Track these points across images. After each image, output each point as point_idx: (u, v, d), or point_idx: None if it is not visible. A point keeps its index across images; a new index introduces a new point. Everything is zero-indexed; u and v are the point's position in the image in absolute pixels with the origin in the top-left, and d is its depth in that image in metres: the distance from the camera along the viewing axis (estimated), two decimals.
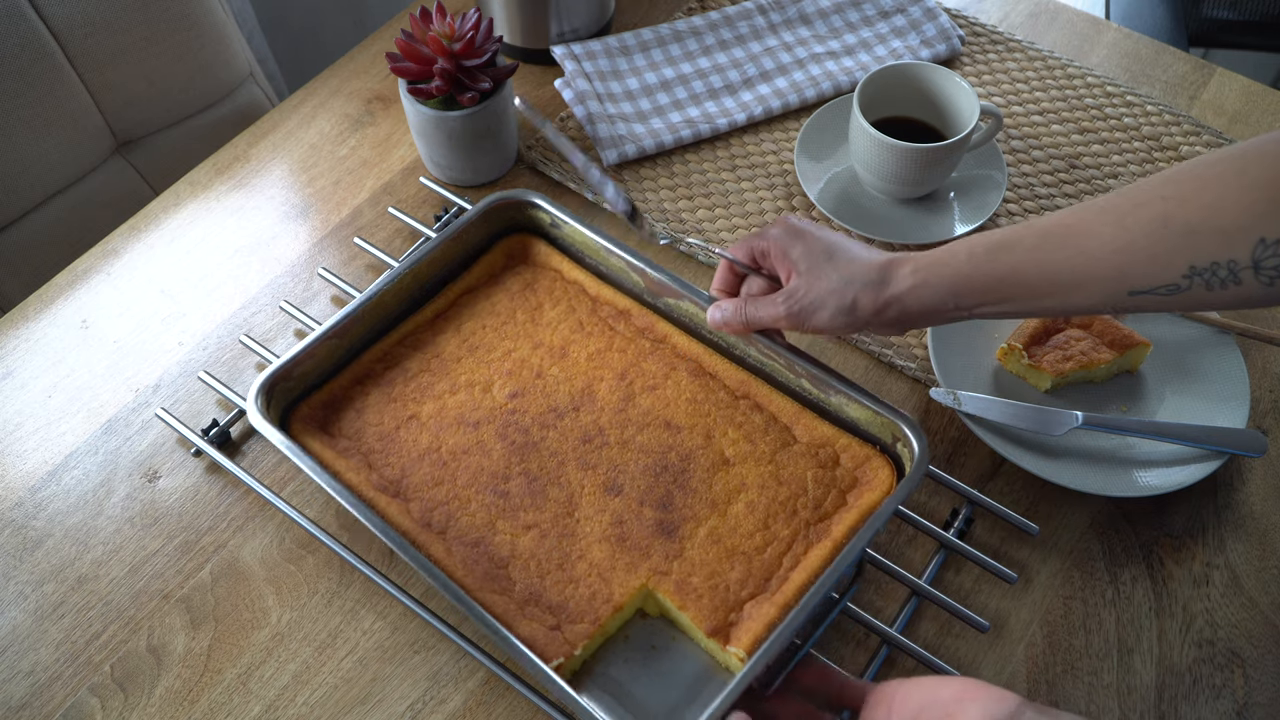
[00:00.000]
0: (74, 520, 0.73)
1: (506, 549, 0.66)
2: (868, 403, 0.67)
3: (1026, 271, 0.58)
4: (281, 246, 0.88)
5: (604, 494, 0.68)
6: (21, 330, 0.83)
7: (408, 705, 0.64)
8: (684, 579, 0.64)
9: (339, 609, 0.68)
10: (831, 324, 0.64)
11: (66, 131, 1.03)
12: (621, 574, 0.64)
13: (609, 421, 0.71)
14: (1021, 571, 0.70)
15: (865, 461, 0.68)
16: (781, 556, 0.65)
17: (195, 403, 0.78)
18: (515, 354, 0.75)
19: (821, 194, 0.88)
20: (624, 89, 0.96)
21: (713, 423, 0.71)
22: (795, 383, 0.71)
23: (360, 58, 1.02)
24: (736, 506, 0.67)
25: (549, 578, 0.64)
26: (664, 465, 0.69)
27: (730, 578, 0.64)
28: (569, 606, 0.63)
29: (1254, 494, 0.73)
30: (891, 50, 1.00)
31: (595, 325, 0.76)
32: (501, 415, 0.72)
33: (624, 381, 0.73)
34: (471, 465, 0.69)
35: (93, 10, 1.00)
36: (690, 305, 0.74)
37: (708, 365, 0.74)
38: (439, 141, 0.86)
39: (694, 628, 0.63)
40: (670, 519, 0.66)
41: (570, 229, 0.78)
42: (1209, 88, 0.99)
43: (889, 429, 0.67)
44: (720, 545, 0.65)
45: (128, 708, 0.65)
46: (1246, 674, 0.66)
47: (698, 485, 0.68)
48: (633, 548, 0.65)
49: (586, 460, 0.69)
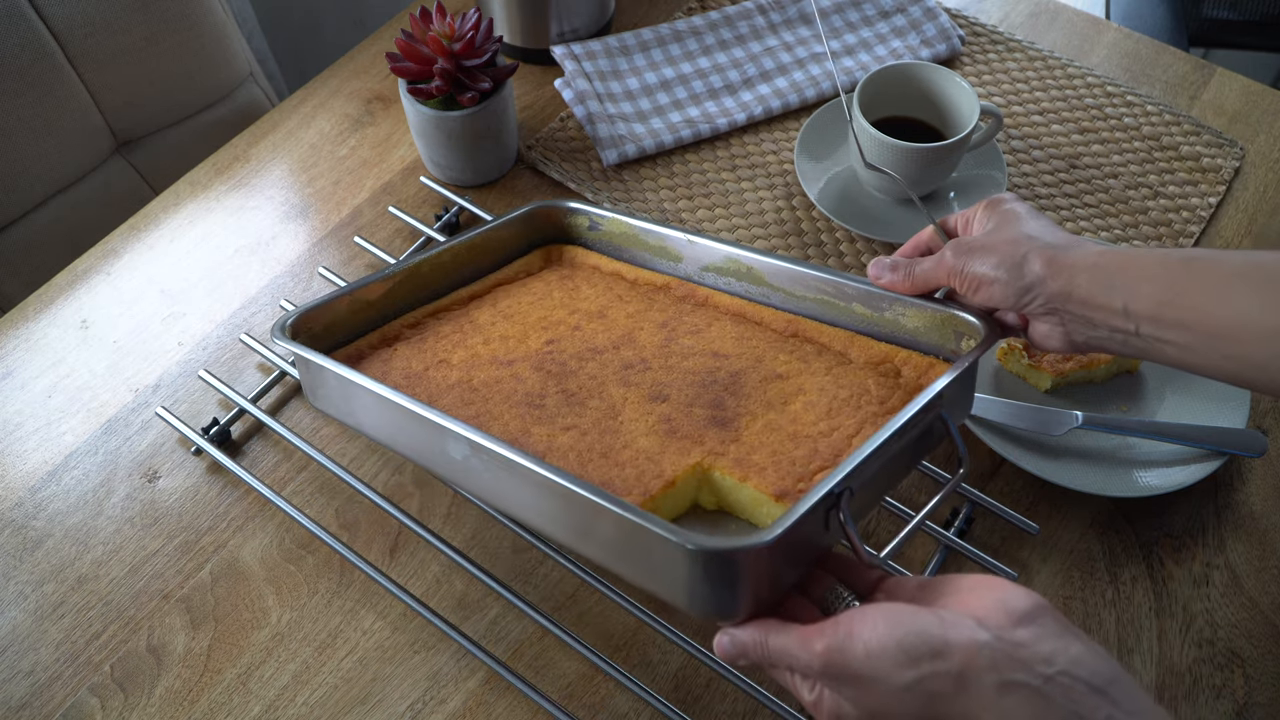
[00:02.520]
0: (74, 520, 0.73)
1: (542, 446, 0.58)
2: (923, 303, 0.62)
3: (1217, 296, 0.50)
4: (281, 246, 0.88)
5: (649, 401, 0.61)
6: (21, 330, 0.83)
7: (408, 705, 0.64)
8: (744, 457, 0.56)
9: (339, 609, 0.68)
10: (994, 275, 0.56)
11: (66, 131, 1.03)
12: (673, 457, 0.57)
13: (652, 355, 0.65)
14: (1021, 571, 0.70)
15: (929, 368, 0.62)
16: (850, 438, 0.57)
17: (195, 402, 0.78)
18: (551, 316, 0.72)
19: (821, 194, 0.88)
20: (624, 89, 0.96)
21: (762, 351, 0.65)
22: (846, 310, 0.66)
23: (360, 58, 1.02)
24: (794, 405, 0.60)
25: (591, 465, 0.56)
26: (713, 379, 0.62)
27: (795, 455, 0.56)
28: (615, 484, 0.55)
29: (1254, 494, 0.73)
30: (891, 50, 1.00)
31: (633, 295, 0.74)
32: (536, 355, 0.67)
33: (665, 329, 0.68)
34: (503, 390, 0.63)
35: (93, 10, 1.00)
36: (738, 263, 0.70)
37: (752, 315, 0.70)
38: (439, 141, 0.86)
39: (760, 497, 0.54)
40: (723, 415, 0.59)
41: (610, 223, 0.78)
42: (1209, 88, 0.99)
43: (950, 326, 0.61)
44: (781, 432, 0.58)
45: (128, 708, 0.65)
46: (1246, 674, 0.66)
47: (751, 391, 0.61)
48: (684, 437, 0.58)
49: (628, 380, 0.63)
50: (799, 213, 0.89)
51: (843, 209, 0.87)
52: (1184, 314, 0.51)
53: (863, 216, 0.87)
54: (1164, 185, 0.91)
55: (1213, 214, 0.89)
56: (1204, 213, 0.88)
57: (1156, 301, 0.52)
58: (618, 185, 0.91)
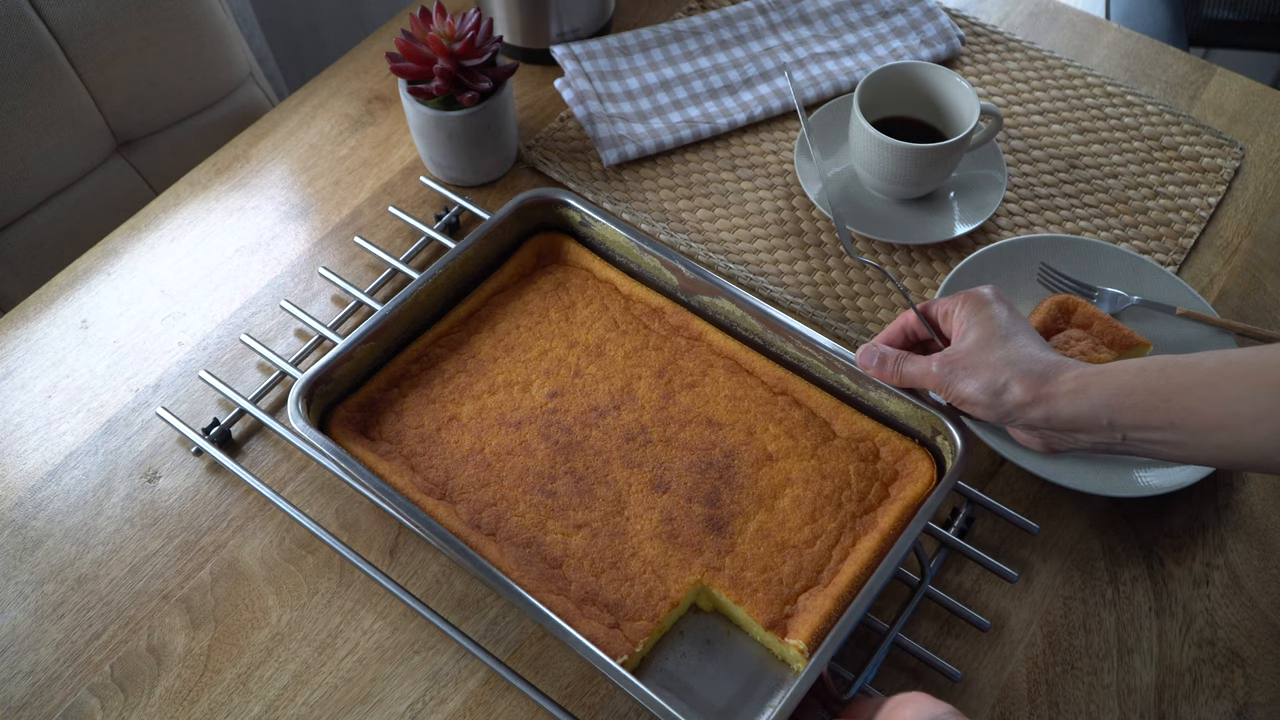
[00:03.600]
0: (74, 520, 0.73)
1: (559, 549, 0.66)
2: (907, 397, 0.68)
3: (1201, 394, 0.53)
4: (282, 246, 0.88)
5: (651, 491, 0.68)
6: (21, 330, 0.83)
7: (408, 705, 0.64)
8: (737, 574, 0.65)
9: (339, 609, 0.68)
10: (976, 398, 0.60)
11: (66, 131, 1.03)
12: (676, 570, 0.65)
13: (651, 420, 0.71)
14: (1022, 571, 0.70)
15: (905, 454, 0.69)
16: (830, 549, 0.66)
17: (195, 402, 0.78)
18: (551, 353, 0.75)
19: (821, 194, 0.88)
20: (624, 89, 0.96)
21: (753, 419, 0.71)
22: (834, 378, 0.72)
23: (360, 58, 1.02)
24: (783, 501, 0.68)
25: (604, 576, 0.65)
26: (709, 462, 0.69)
27: (783, 571, 0.65)
28: (626, 604, 0.64)
29: (1254, 494, 0.73)
30: (891, 50, 1.00)
31: (629, 323, 0.76)
32: (542, 415, 0.72)
33: (662, 379, 0.73)
34: (517, 466, 0.69)
35: (93, 10, 1.00)
36: (726, 303, 0.74)
37: (744, 362, 0.74)
38: (439, 141, 0.86)
39: (751, 622, 0.64)
40: (719, 515, 0.67)
41: (601, 227, 0.79)
42: (1209, 88, 0.99)
43: (928, 422, 0.68)
44: (770, 540, 0.66)
45: (128, 708, 0.65)
46: (1246, 674, 0.66)
47: (743, 481, 0.69)
48: (685, 544, 0.66)
49: (631, 458, 0.70)
50: (799, 213, 0.89)
51: (843, 209, 0.87)
52: (1171, 416, 0.54)
53: (863, 216, 0.87)
54: (1164, 185, 0.91)
55: (1212, 214, 0.89)
56: (1204, 213, 0.89)
57: (1141, 411, 0.55)
58: (618, 185, 0.91)
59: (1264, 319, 0.82)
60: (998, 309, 0.62)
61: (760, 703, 0.62)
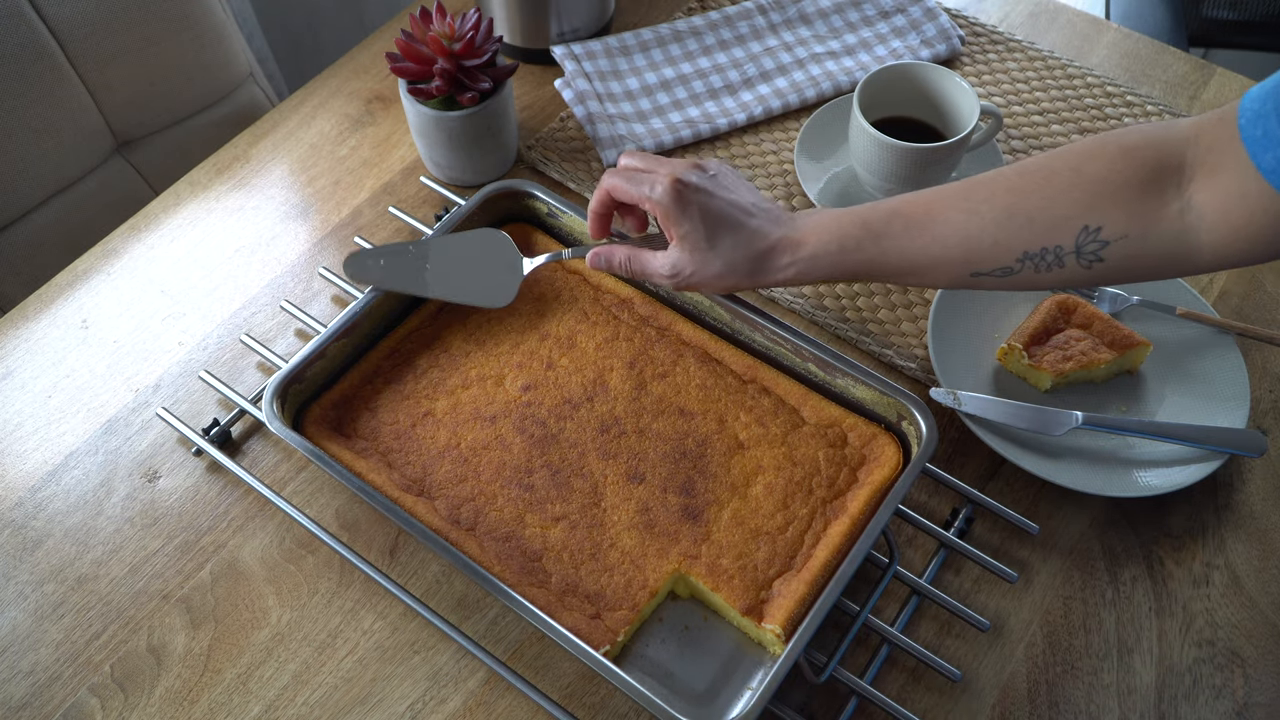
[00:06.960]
0: (74, 520, 0.73)
1: (538, 542, 0.66)
2: (873, 383, 0.69)
3: (889, 258, 0.64)
4: (282, 246, 0.88)
5: (627, 482, 0.69)
6: (21, 330, 0.83)
7: (408, 705, 0.64)
8: (714, 561, 0.65)
9: (339, 609, 0.68)
10: (711, 292, 0.72)
11: (66, 131, 1.03)
12: (653, 560, 0.66)
13: (624, 411, 0.72)
14: (1021, 571, 0.70)
15: (872, 439, 0.70)
16: (803, 534, 0.67)
17: (195, 402, 0.78)
18: (523, 346, 0.75)
19: (821, 194, 0.88)
20: (624, 89, 0.96)
21: (724, 408, 0.72)
22: (801, 366, 0.73)
23: (360, 58, 1.02)
24: (755, 488, 0.69)
25: (583, 568, 0.66)
26: (682, 451, 0.70)
27: (757, 557, 0.66)
28: (606, 595, 0.64)
29: (1254, 494, 0.73)
30: (891, 50, 1.00)
31: (599, 314, 0.77)
32: (517, 409, 0.72)
33: (634, 370, 0.74)
34: (493, 460, 0.70)
35: (93, 10, 1.00)
36: (692, 294, 0.75)
37: (713, 351, 0.75)
38: (439, 141, 0.86)
39: (728, 607, 0.65)
40: (694, 504, 0.68)
41: (569, 219, 0.79)
42: (1209, 88, 0.99)
43: (894, 408, 0.69)
44: (744, 527, 0.67)
45: (128, 708, 0.65)
46: (1246, 674, 0.66)
47: (716, 470, 0.69)
48: (661, 534, 0.67)
49: (606, 450, 0.70)
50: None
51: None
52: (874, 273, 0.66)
53: None
54: None
55: None
56: None
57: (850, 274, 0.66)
58: None
59: (1264, 319, 0.82)
60: (695, 209, 0.65)
61: (739, 686, 0.63)
